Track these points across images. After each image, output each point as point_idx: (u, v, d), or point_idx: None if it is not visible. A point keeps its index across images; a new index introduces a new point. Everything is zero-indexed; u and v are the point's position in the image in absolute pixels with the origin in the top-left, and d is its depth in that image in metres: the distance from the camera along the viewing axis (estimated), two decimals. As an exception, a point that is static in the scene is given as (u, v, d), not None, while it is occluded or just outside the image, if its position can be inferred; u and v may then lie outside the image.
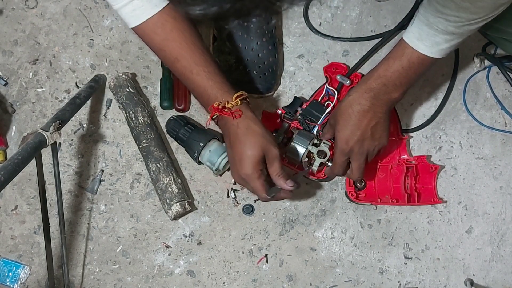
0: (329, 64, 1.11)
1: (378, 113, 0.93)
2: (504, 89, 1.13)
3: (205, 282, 1.09)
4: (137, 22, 0.91)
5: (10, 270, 1.10)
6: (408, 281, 1.09)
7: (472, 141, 1.12)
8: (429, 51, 0.88)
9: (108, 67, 1.15)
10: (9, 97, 1.15)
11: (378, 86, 0.92)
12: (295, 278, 1.09)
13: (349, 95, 0.95)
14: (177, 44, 0.92)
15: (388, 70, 0.92)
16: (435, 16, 0.83)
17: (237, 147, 0.91)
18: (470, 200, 1.10)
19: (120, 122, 1.14)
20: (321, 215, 1.10)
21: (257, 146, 0.90)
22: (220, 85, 0.92)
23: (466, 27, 0.82)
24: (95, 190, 1.11)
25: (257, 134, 0.91)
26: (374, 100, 0.92)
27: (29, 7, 1.17)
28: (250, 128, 0.91)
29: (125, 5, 0.89)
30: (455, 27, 0.82)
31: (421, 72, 0.92)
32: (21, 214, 1.12)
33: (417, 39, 0.88)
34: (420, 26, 0.87)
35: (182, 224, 1.10)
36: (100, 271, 1.10)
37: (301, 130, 1.04)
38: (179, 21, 0.92)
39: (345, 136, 0.94)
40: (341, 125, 0.95)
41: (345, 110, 0.94)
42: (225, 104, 0.90)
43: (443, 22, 0.83)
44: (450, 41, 0.86)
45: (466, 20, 0.80)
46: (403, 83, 0.92)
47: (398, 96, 0.94)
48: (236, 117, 0.90)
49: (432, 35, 0.86)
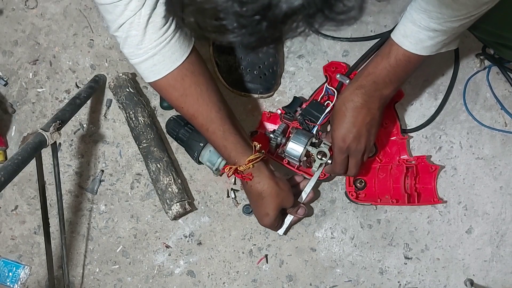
0: (329, 63, 1.10)
1: (372, 109, 0.94)
2: (504, 89, 1.13)
3: (205, 282, 1.09)
4: (156, 77, 0.88)
5: (10, 270, 1.10)
6: (408, 281, 1.09)
7: (472, 141, 1.12)
8: (413, 48, 0.88)
9: (108, 67, 1.15)
10: (9, 97, 1.15)
11: (368, 83, 0.93)
12: (295, 278, 1.09)
13: (341, 93, 0.97)
14: (194, 100, 0.91)
15: (377, 67, 0.92)
16: (418, 13, 0.83)
17: (256, 207, 0.99)
18: (470, 200, 1.10)
19: (120, 122, 1.14)
20: (321, 215, 1.10)
21: (273, 209, 0.97)
22: (235, 146, 0.93)
23: (449, 24, 0.82)
24: (95, 190, 1.11)
25: (271, 198, 0.96)
26: (366, 97, 0.93)
27: (29, 8, 1.17)
28: (264, 192, 0.95)
29: (145, 60, 0.85)
30: (437, 24, 0.82)
31: (410, 69, 0.92)
32: (21, 214, 1.12)
33: (402, 36, 0.88)
34: (405, 23, 0.87)
35: (182, 224, 1.10)
36: (100, 271, 1.10)
37: (299, 129, 1.04)
38: (197, 76, 0.90)
39: (342, 134, 0.94)
40: (336, 123, 0.95)
41: (339, 108, 0.95)
42: (237, 168, 0.93)
43: (426, 19, 0.83)
44: (434, 38, 0.86)
45: (448, 16, 0.80)
46: (393, 80, 0.93)
47: (390, 92, 0.94)
48: (246, 180, 0.94)
49: (416, 31, 0.86)
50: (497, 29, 0.92)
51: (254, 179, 0.94)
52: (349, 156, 0.97)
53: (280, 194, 0.96)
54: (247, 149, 0.94)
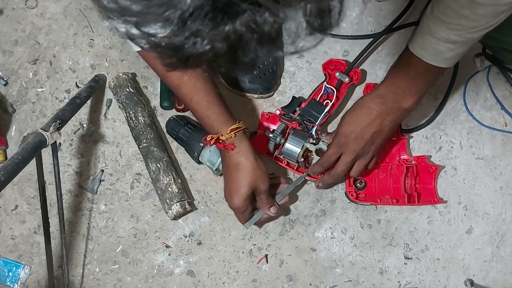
0: (328, 61, 1.09)
1: (385, 120, 0.93)
2: (504, 89, 1.13)
3: (205, 282, 1.09)
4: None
5: (10, 270, 1.10)
6: (408, 281, 1.09)
7: (472, 141, 1.12)
8: (433, 60, 0.87)
9: (108, 67, 1.15)
10: (9, 97, 1.15)
11: (388, 93, 0.92)
12: (295, 278, 1.09)
13: (361, 98, 0.96)
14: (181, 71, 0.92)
15: (397, 78, 0.92)
16: (436, 25, 0.83)
17: (229, 181, 0.96)
18: (470, 201, 1.10)
19: (120, 122, 1.14)
20: (321, 215, 1.10)
21: (246, 184, 0.94)
22: (218, 116, 0.94)
23: (468, 35, 0.82)
24: (95, 190, 1.11)
25: (247, 171, 0.94)
26: (384, 107, 0.92)
27: (29, 7, 1.17)
28: (241, 164, 0.94)
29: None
30: (457, 36, 0.82)
31: (430, 81, 0.91)
32: (21, 214, 1.12)
33: (420, 48, 0.87)
34: (423, 35, 0.86)
35: (182, 224, 1.10)
36: (100, 271, 1.10)
37: (296, 130, 1.03)
38: None
39: (346, 130, 0.94)
40: (346, 120, 0.95)
41: (354, 109, 0.95)
42: (219, 136, 0.93)
43: (445, 31, 0.82)
44: (454, 49, 0.85)
45: (467, 28, 0.80)
46: (413, 92, 0.91)
47: (409, 106, 0.93)
48: (228, 150, 0.93)
49: (435, 43, 0.85)
50: (498, 34, 0.92)
51: (235, 149, 0.93)
52: (342, 153, 0.96)
53: (257, 170, 0.95)
54: (230, 119, 0.94)
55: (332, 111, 1.07)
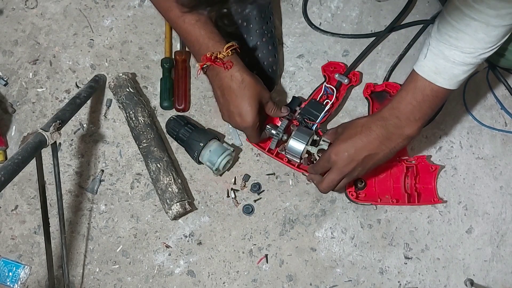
0: (327, 63, 1.10)
1: (382, 145, 0.91)
2: (504, 89, 1.13)
3: (205, 282, 1.09)
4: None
5: (10, 270, 1.10)
6: (408, 281, 1.09)
7: (472, 141, 1.12)
8: (447, 83, 0.86)
9: (108, 67, 1.15)
10: (9, 97, 1.15)
11: (390, 117, 0.90)
12: (295, 278, 1.09)
13: (363, 117, 0.94)
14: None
15: (401, 102, 0.90)
16: (450, 49, 0.83)
17: (235, 101, 0.94)
18: (470, 200, 1.10)
19: (120, 122, 1.14)
20: (321, 215, 1.10)
21: (254, 99, 0.93)
22: (212, 35, 0.93)
23: (483, 56, 0.83)
24: (95, 190, 1.11)
25: (252, 86, 0.93)
26: (385, 131, 0.90)
27: (29, 7, 1.17)
28: (245, 80, 0.93)
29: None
30: (472, 58, 0.82)
31: (436, 105, 0.90)
32: (21, 214, 1.12)
33: (434, 73, 0.86)
34: (436, 60, 0.85)
35: (182, 224, 1.10)
36: (100, 271, 1.10)
37: (300, 126, 1.04)
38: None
39: (339, 148, 0.92)
40: (343, 137, 0.93)
41: (354, 127, 0.93)
42: (217, 54, 0.91)
43: (460, 55, 0.82)
44: (468, 71, 0.85)
45: (482, 49, 0.81)
46: (417, 118, 0.89)
47: (412, 132, 0.90)
48: (227, 67, 0.92)
49: (450, 68, 0.84)
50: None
51: (234, 68, 0.92)
52: (330, 169, 0.94)
53: (259, 82, 0.95)
54: (223, 39, 0.94)
55: (332, 110, 1.08)
